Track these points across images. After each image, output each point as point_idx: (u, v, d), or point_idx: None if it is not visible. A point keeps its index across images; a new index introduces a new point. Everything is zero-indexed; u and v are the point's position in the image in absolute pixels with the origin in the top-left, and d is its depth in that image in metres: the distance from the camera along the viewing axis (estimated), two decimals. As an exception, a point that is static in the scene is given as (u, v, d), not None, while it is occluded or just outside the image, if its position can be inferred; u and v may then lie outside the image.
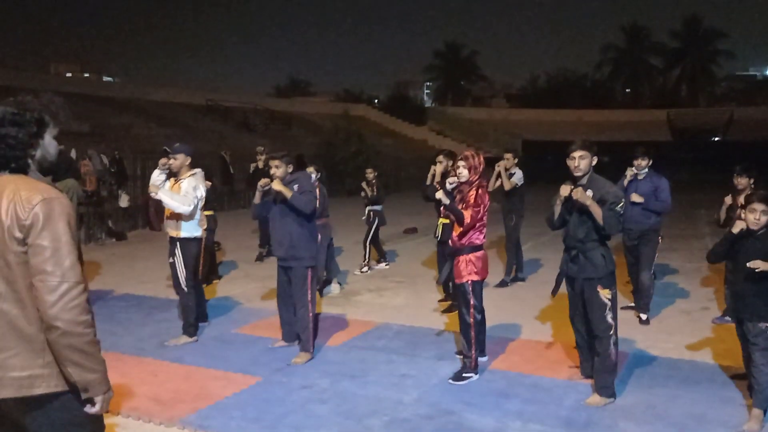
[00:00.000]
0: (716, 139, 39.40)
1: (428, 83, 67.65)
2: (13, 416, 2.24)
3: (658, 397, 4.55)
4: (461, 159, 4.99)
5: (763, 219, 4.02)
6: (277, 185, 5.26)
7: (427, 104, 56.28)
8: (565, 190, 4.49)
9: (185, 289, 5.79)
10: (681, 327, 6.38)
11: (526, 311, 6.96)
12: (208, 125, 27.26)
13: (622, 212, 4.44)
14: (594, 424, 4.14)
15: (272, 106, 33.90)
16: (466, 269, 4.94)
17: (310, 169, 7.68)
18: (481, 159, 5.03)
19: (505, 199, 8.23)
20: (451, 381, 4.85)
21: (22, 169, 2.25)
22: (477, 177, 4.94)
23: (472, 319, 4.96)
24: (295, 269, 5.43)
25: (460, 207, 4.89)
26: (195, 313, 5.91)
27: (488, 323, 6.44)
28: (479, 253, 4.97)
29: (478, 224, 4.89)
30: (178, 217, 5.74)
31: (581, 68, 57.90)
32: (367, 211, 9.42)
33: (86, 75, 55.35)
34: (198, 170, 5.97)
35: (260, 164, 10.19)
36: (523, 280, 8.58)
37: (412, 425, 4.12)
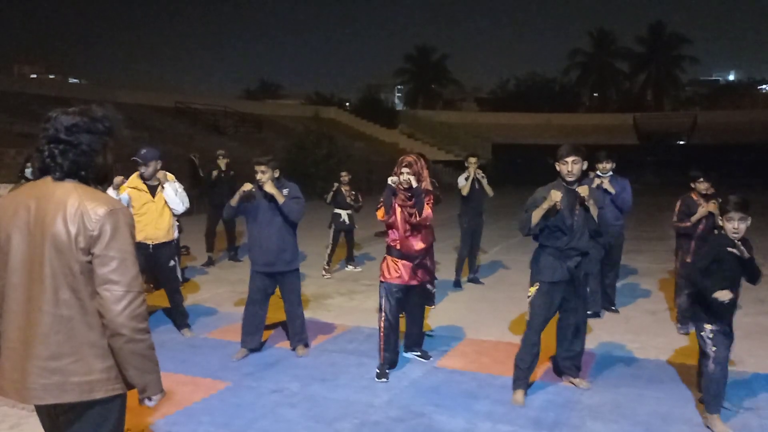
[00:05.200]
0: (681, 142, 40.20)
1: (399, 86, 67.84)
2: (57, 418, 2.33)
3: (624, 397, 4.62)
4: (405, 165, 4.95)
5: (742, 227, 4.00)
6: (269, 188, 5.21)
7: (398, 107, 56.39)
8: (557, 195, 4.36)
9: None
10: (647, 327, 6.49)
11: (496, 313, 7.02)
12: (176, 128, 26.94)
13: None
14: (562, 423, 4.19)
15: (242, 109, 33.64)
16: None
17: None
18: (423, 163, 5.08)
19: (465, 201, 8.32)
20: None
21: (87, 177, 2.31)
22: (425, 183, 5.01)
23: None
24: (286, 274, 5.46)
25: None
26: None
27: (459, 324, 6.52)
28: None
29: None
30: (169, 221, 6.00)
31: (549, 73, 58.43)
32: (346, 215, 9.29)
33: (51, 76, 54.29)
34: (165, 172, 6.04)
35: (222, 165, 9.99)
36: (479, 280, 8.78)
37: (383, 428, 4.12)
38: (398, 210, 4.98)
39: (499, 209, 15.90)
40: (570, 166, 4.47)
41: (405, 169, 4.92)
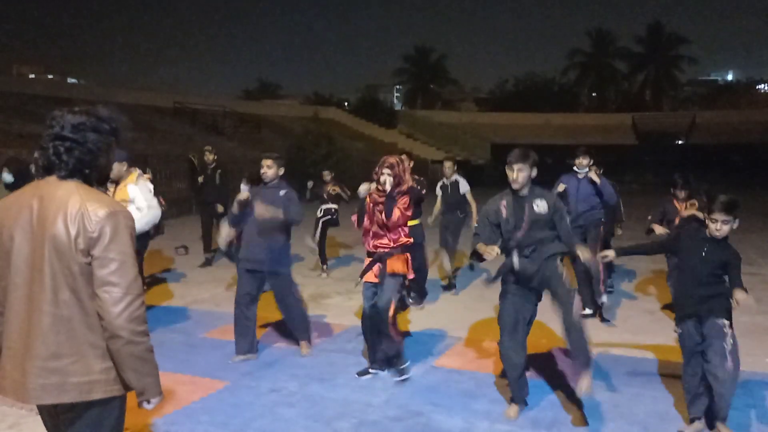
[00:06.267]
0: (679, 142, 40.24)
1: (398, 86, 67.88)
2: (57, 417, 2.33)
3: (622, 396, 4.64)
4: (387, 167, 4.83)
5: (725, 228, 3.91)
6: (262, 210, 5.15)
7: (397, 107, 56.43)
8: (489, 256, 4.19)
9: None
10: (645, 326, 6.50)
11: (494, 312, 7.01)
12: (175, 128, 26.93)
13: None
14: (560, 423, 4.21)
15: (241, 109, 33.63)
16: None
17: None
18: (406, 166, 5.00)
19: (456, 206, 8.20)
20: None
21: (91, 177, 2.31)
22: (406, 186, 4.92)
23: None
24: (274, 273, 5.43)
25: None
26: None
27: (457, 324, 6.53)
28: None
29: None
30: None
31: (549, 73, 58.39)
32: (334, 210, 9.17)
33: (50, 76, 54.19)
34: (135, 169, 5.91)
35: (208, 161, 9.87)
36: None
37: (381, 427, 4.13)
38: (370, 208, 4.94)
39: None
40: (515, 173, 4.24)
41: (386, 170, 4.83)
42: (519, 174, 4.23)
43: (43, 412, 2.38)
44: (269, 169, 5.30)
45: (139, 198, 5.67)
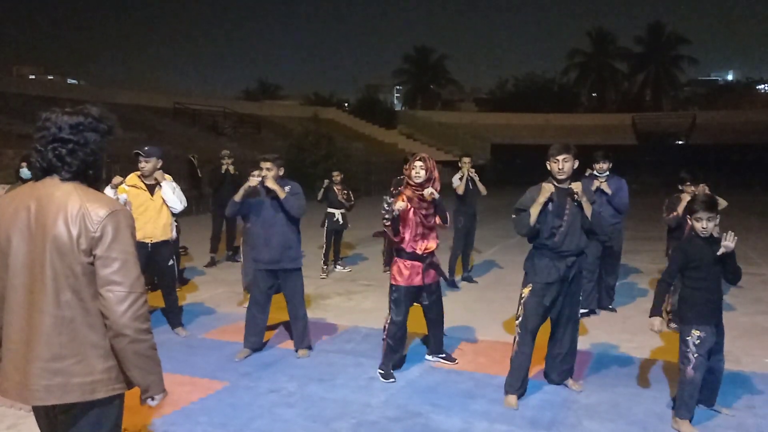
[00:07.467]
0: (680, 142, 40.24)
1: (398, 87, 67.93)
2: (54, 418, 2.33)
3: (621, 396, 4.64)
4: (419, 160, 4.98)
5: (710, 225, 4.04)
6: (271, 183, 5.21)
7: (397, 108, 56.42)
8: (550, 186, 4.42)
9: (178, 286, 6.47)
10: (644, 327, 6.44)
11: (494, 313, 7.03)
12: (175, 128, 26.96)
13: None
14: (558, 423, 4.20)
15: (241, 110, 33.68)
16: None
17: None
18: (434, 163, 5.10)
19: (461, 200, 8.39)
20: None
21: (93, 177, 2.31)
22: (438, 183, 5.01)
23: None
24: (289, 272, 5.45)
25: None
26: None
27: (456, 324, 6.52)
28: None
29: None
30: (167, 219, 6.01)
31: (548, 73, 58.44)
32: (340, 215, 9.34)
33: (50, 77, 54.22)
34: (162, 172, 6.07)
35: (231, 169, 9.99)
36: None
37: (380, 427, 4.13)
38: (411, 212, 4.96)
39: (498, 210, 15.93)
40: (561, 164, 4.44)
41: (418, 163, 4.95)
42: (565, 164, 4.44)
43: (39, 414, 2.37)
44: (269, 172, 5.26)
45: (177, 191, 6.08)
